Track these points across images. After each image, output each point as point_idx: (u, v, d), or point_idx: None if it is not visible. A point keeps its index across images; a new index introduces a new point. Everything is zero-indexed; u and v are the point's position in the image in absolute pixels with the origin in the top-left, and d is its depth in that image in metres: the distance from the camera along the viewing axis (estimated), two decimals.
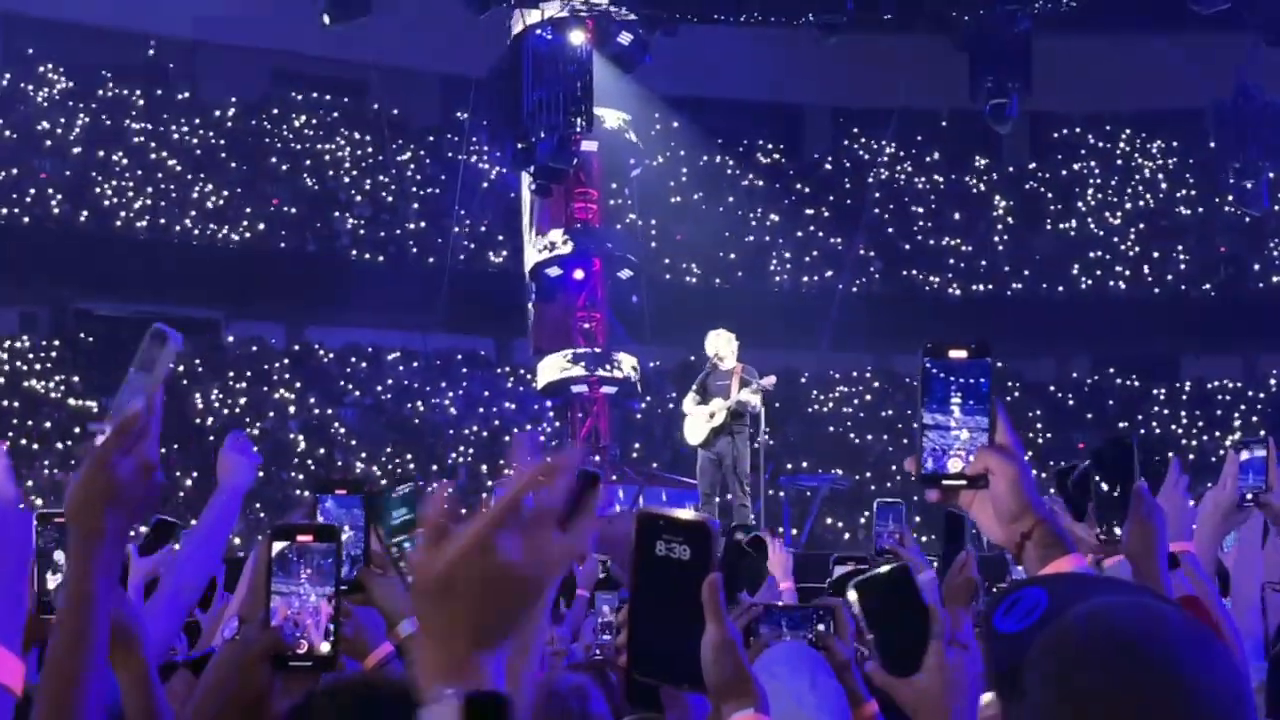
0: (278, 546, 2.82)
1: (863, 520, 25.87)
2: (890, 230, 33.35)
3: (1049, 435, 29.36)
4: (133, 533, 2.34)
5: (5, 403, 25.47)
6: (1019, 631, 1.69)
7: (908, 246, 33.09)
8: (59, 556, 3.63)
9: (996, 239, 33.48)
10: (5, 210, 27.98)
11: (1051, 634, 1.63)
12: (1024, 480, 2.32)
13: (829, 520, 24.83)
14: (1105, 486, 3.72)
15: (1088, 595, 1.72)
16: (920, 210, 33.98)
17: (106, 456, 2.16)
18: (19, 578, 1.63)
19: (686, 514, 2.04)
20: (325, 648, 2.80)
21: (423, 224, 30.84)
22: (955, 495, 2.36)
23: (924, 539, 23.73)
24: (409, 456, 26.76)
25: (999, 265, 32.74)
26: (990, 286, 32.18)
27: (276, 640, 2.74)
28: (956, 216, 33.83)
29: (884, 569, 2.31)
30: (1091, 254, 32.92)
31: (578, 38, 21.63)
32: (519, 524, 1.58)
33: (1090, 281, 32.47)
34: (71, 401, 25.80)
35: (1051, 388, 31.57)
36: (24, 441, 24.73)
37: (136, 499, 2.18)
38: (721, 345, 15.29)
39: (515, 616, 1.60)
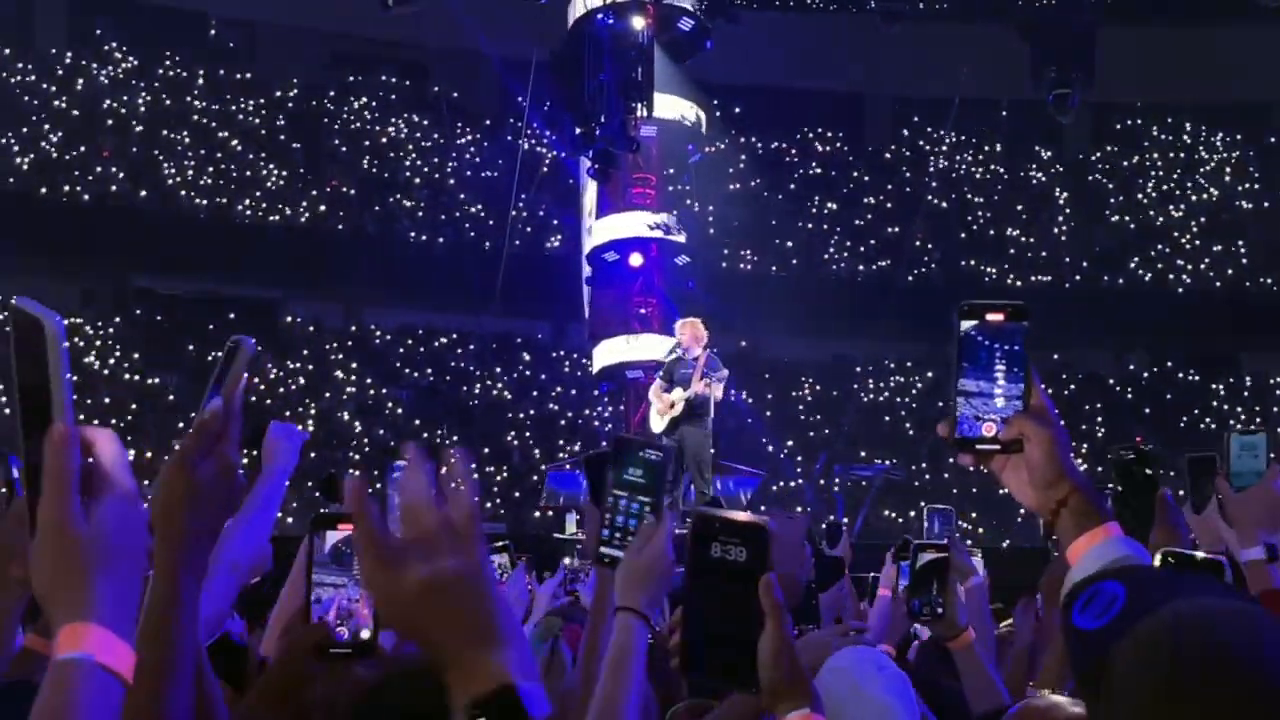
0: (333, 537, 2.84)
1: (912, 513, 25.83)
2: (949, 220, 33.18)
3: (1106, 429, 29.15)
4: None
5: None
6: (1099, 628, 1.66)
7: (966, 236, 32.93)
8: None
9: (1056, 230, 33.26)
10: (68, 188, 28.23)
11: (1142, 635, 1.59)
12: (1060, 446, 2.29)
13: (883, 510, 24.74)
14: (1129, 494, 3.72)
15: (1169, 592, 1.68)
16: (979, 200, 33.81)
17: (186, 459, 2.17)
18: (137, 570, 1.69)
19: (743, 516, 2.03)
20: (365, 634, 2.83)
21: (480, 207, 30.90)
22: (988, 460, 2.31)
23: (981, 530, 23.65)
24: (462, 438, 26.82)
25: (1059, 256, 32.53)
26: (1049, 278, 31.97)
27: (324, 636, 2.77)
28: (1016, 207, 33.63)
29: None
30: (1152, 246, 32.67)
31: (639, 22, 21.62)
32: None
33: (1151, 274, 32.22)
34: (130, 379, 26.00)
35: (1110, 380, 31.33)
36: (82, 418, 24.80)
37: (218, 500, 2.20)
38: (687, 335, 15.27)
39: None
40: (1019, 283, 31.65)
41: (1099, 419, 29.61)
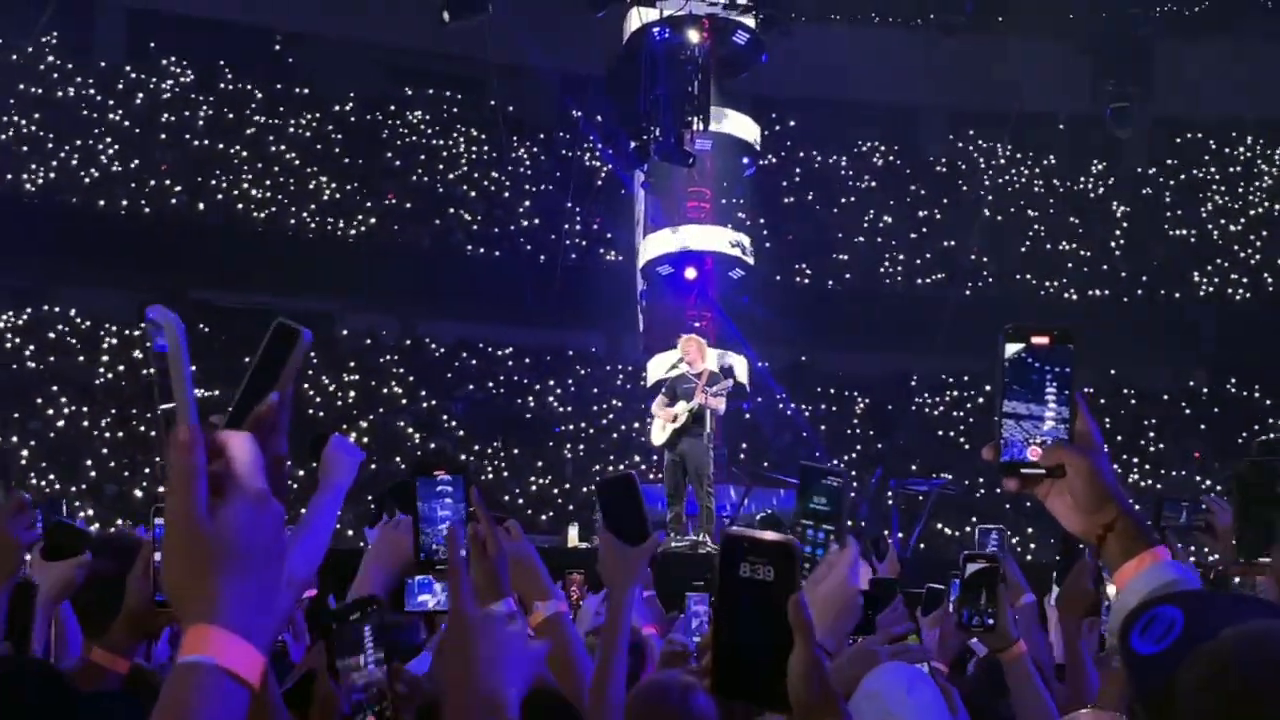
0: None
1: (967, 528, 25.68)
2: (1006, 233, 33.02)
3: (1164, 445, 28.94)
4: None
5: (122, 387, 25.92)
6: (1159, 653, 1.65)
7: (1023, 250, 32.77)
8: None
9: (1114, 244, 33.04)
10: (126, 201, 28.47)
11: (1206, 658, 1.59)
12: (1102, 472, 2.26)
13: (938, 525, 24.64)
14: (1245, 507, 3.67)
15: (1228, 615, 1.68)
16: (1036, 214, 33.63)
17: None
18: (269, 572, 1.69)
19: (770, 535, 2.04)
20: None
21: (535, 220, 30.98)
22: (1034, 484, 2.30)
23: (1034, 546, 23.49)
24: (517, 451, 26.89)
25: (1116, 271, 32.31)
26: (1107, 292, 31.76)
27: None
28: (1073, 221, 33.45)
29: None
30: (1211, 261, 32.41)
31: (694, 36, 21.64)
32: None
33: (1210, 289, 31.96)
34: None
35: (1167, 397, 31.09)
36: (141, 429, 25.15)
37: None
38: (691, 350, 15.34)
39: None
40: (1076, 297, 31.48)
41: (1155, 435, 29.40)
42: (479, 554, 3.25)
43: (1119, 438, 28.62)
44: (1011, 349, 2.29)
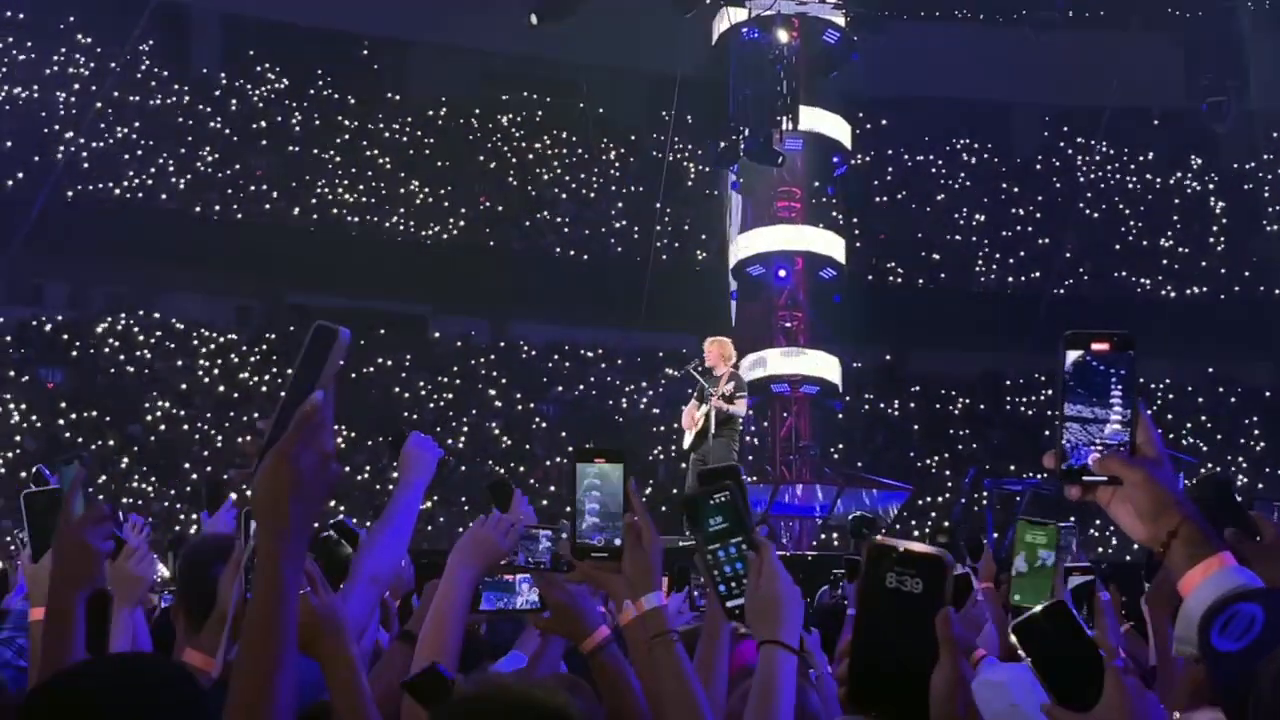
0: None
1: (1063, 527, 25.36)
2: (1100, 231, 32.67)
3: (1266, 442, 28.51)
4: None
5: (220, 391, 26.22)
6: (1240, 650, 1.63)
7: (1119, 247, 32.41)
8: None
9: (1212, 240, 32.60)
10: (221, 207, 28.80)
11: None
12: (1159, 480, 2.23)
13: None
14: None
15: None
16: (1131, 211, 33.25)
17: (289, 450, 2.21)
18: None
19: (922, 547, 2.01)
20: None
21: (626, 222, 31.02)
22: (1096, 491, 2.28)
23: (1137, 546, 23.20)
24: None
25: (1215, 268, 31.88)
26: (1205, 289, 31.34)
27: None
28: (1171, 217, 33.04)
29: (1038, 609, 2.21)
30: None
31: (783, 36, 21.58)
32: None
33: None
34: (284, 395, 26.39)
35: (1269, 394, 30.63)
36: (239, 442, 25.41)
37: (318, 489, 2.24)
38: (713, 353, 15.17)
39: None
40: (1173, 294, 31.10)
41: (1256, 432, 28.98)
42: (634, 544, 3.23)
43: (1219, 436, 28.26)
44: (1072, 355, 2.28)
